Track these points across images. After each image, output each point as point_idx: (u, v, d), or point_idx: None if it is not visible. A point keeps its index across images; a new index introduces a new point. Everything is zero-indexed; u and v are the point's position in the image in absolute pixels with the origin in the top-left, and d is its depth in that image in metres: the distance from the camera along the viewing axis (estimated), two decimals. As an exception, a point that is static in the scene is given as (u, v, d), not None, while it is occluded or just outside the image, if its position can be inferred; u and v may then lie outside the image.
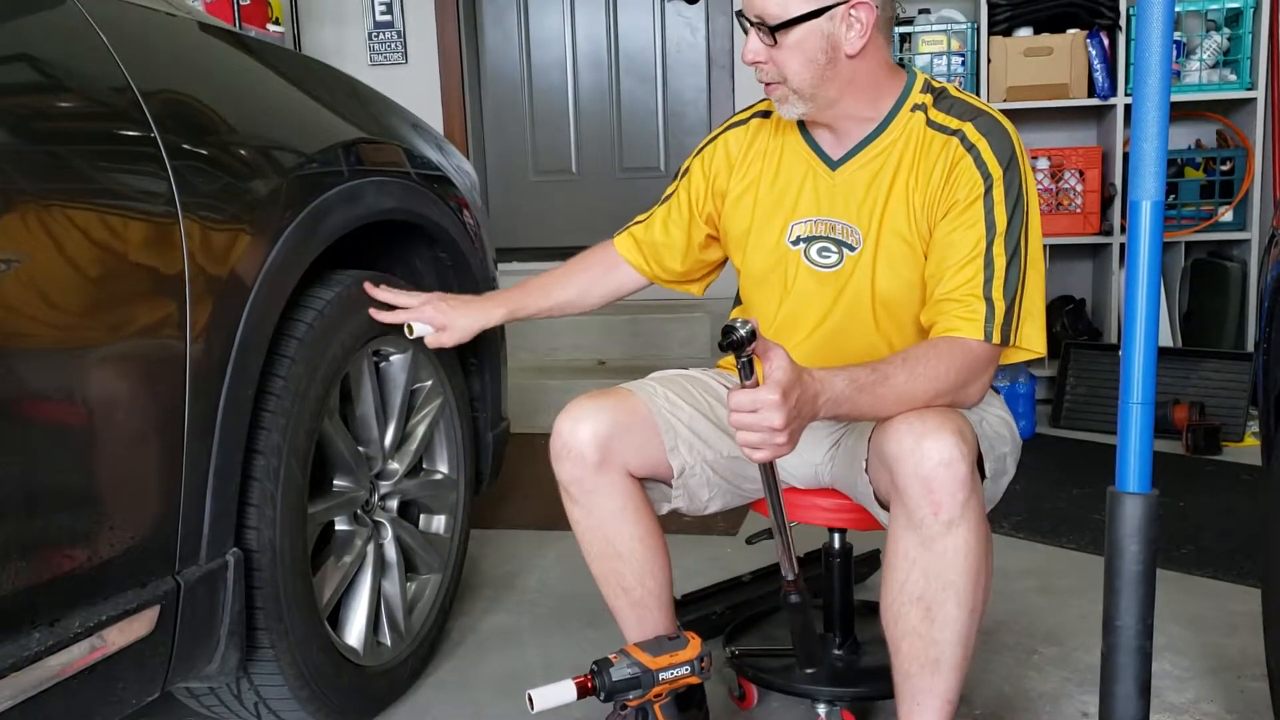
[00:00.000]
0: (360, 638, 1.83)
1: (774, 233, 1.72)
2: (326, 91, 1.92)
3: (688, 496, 1.73)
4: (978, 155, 1.58)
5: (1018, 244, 1.56)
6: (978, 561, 1.46)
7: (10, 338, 1.15)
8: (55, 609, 1.23)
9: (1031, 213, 1.59)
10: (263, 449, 1.56)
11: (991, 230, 1.56)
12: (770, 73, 1.60)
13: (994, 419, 1.65)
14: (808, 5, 1.53)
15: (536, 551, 2.67)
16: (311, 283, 1.69)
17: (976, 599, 1.48)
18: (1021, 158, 1.59)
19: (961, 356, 1.54)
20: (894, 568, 1.49)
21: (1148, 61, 1.18)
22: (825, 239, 1.68)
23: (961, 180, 1.57)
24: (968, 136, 1.59)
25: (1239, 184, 3.93)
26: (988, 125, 1.60)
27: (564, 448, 1.64)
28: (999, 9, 3.97)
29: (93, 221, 1.26)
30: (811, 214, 1.69)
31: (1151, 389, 1.22)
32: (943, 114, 1.62)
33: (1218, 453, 3.38)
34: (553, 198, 4.96)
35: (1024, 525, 2.74)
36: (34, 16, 1.33)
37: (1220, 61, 3.90)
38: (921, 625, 1.48)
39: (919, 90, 1.65)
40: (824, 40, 1.56)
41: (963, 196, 1.57)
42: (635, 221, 1.90)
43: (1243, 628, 2.11)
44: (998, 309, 1.54)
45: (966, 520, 1.43)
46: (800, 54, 1.56)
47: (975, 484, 1.44)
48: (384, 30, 4.77)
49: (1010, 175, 1.57)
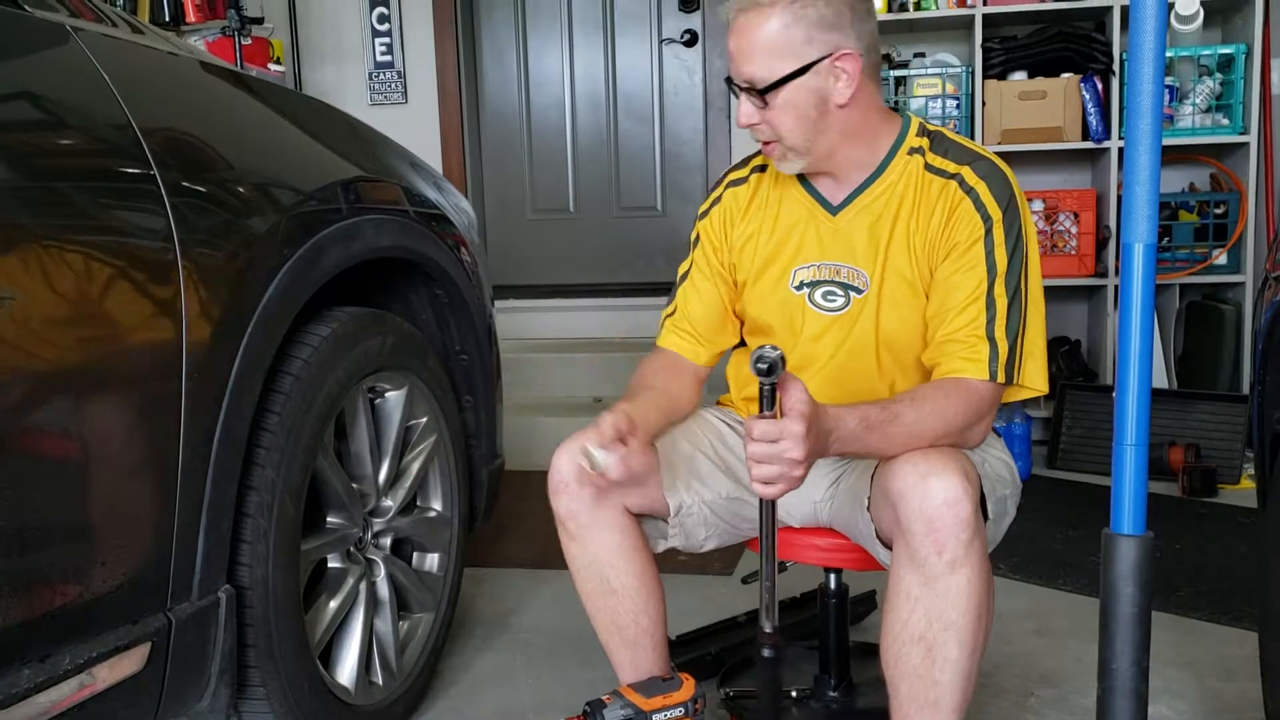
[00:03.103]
0: (352, 677, 1.82)
1: (777, 279, 1.73)
2: (326, 130, 1.94)
3: (684, 535, 1.73)
4: (977, 198, 1.59)
5: (1018, 284, 1.58)
6: (980, 602, 1.46)
7: (6, 371, 1.15)
8: (45, 645, 1.22)
9: (1031, 253, 1.60)
10: (256, 485, 1.55)
11: (992, 271, 1.57)
12: (766, 132, 1.62)
13: (995, 461, 1.66)
14: (792, 64, 1.56)
15: (530, 590, 2.65)
16: (308, 319, 1.69)
17: (977, 639, 1.48)
18: (1020, 200, 1.61)
19: (967, 396, 1.55)
20: (895, 607, 1.48)
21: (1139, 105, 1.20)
22: (830, 283, 1.69)
23: (962, 223, 1.59)
24: (966, 180, 1.61)
25: (1233, 227, 3.95)
26: (986, 169, 1.62)
27: (561, 482, 1.64)
28: (994, 53, 4.01)
29: (91, 257, 1.26)
30: (815, 259, 1.70)
31: (1145, 431, 1.22)
32: (940, 157, 1.64)
33: (1214, 495, 3.37)
34: (551, 236, 4.98)
35: (1020, 567, 2.73)
36: (37, 54, 1.34)
37: (1213, 106, 3.93)
38: (922, 666, 1.47)
39: (914, 134, 1.67)
40: (813, 95, 1.58)
41: (963, 239, 1.59)
42: (666, 317, 1.84)
43: (1240, 672, 2.10)
44: (1001, 349, 1.56)
45: (970, 560, 1.43)
46: (792, 112, 1.58)
47: (979, 524, 1.45)
48: (384, 70, 4.82)
49: (1009, 217, 1.59)
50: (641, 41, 4.84)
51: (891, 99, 4.15)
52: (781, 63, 1.56)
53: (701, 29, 4.69)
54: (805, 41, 1.55)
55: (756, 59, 1.56)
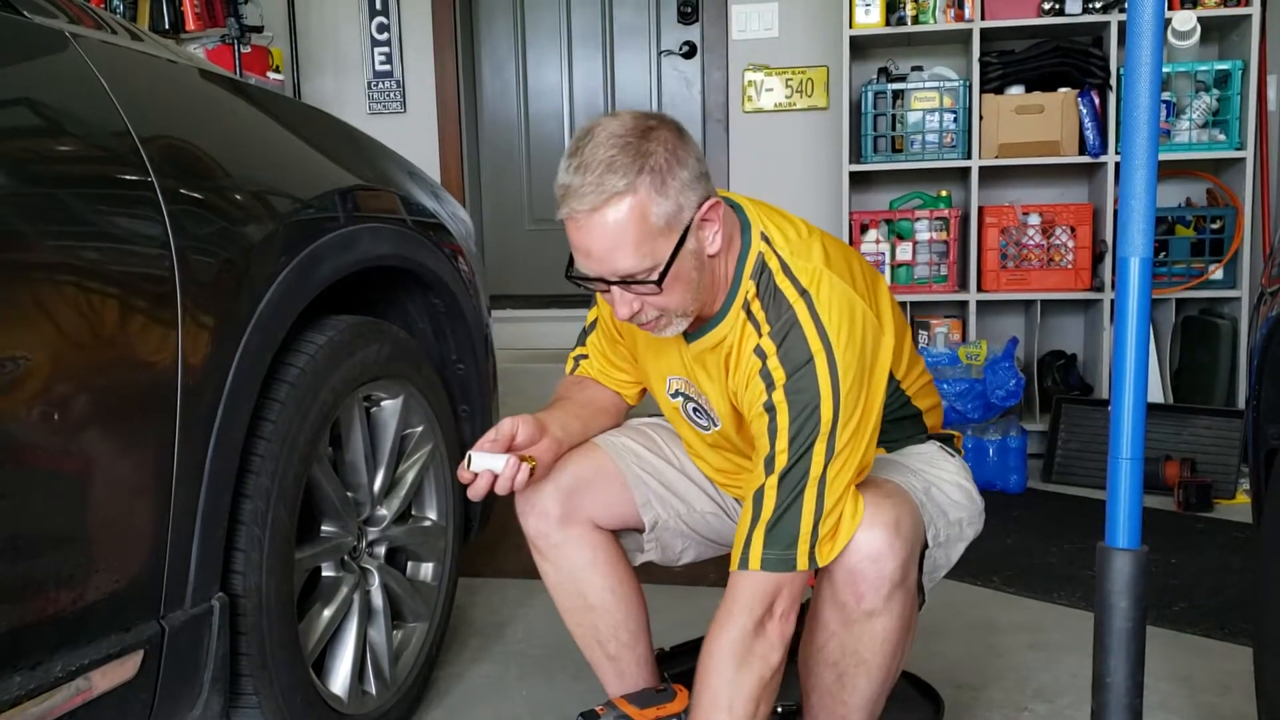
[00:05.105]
0: (345, 686, 1.81)
1: (655, 381, 1.71)
2: (324, 139, 1.94)
3: (660, 549, 1.74)
4: (769, 379, 1.45)
5: (803, 472, 1.41)
6: (894, 646, 1.50)
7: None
8: (37, 652, 1.21)
9: (843, 422, 1.41)
10: (251, 493, 1.55)
11: (770, 466, 1.43)
12: (650, 314, 1.47)
13: (948, 485, 1.63)
14: (674, 239, 1.40)
15: (525, 601, 2.65)
16: (304, 327, 1.69)
17: (889, 672, 1.53)
18: (832, 354, 1.42)
19: (747, 598, 1.43)
20: (814, 631, 1.53)
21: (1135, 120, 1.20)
22: (695, 401, 1.66)
23: (756, 419, 1.46)
24: (765, 353, 1.46)
25: (1229, 242, 3.97)
26: (783, 330, 1.45)
27: (527, 503, 1.65)
28: (991, 67, 4.02)
29: (87, 264, 1.26)
30: (681, 373, 1.64)
31: (1140, 444, 1.22)
32: (762, 323, 1.48)
33: (1209, 510, 3.37)
34: (548, 246, 4.98)
35: (1015, 580, 2.73)
36: (35, 61, 1.34)
37: (1210, 121, 3.95)
38: (833, 687, 1.53)
39: (749, 275, 1.51)
40: (694, 259, 1.44)
41: (754, 429, 1.48)
42: (578, 359, 1.82)
43: (1235, 687, 2.10)
44: (782, 539, 1.41)
45: (888, 609, 1.46)
46: (681, 283, 1.44)
47: (903, 576, 1.45)
48: (383, 79, 4.83)
49: (800, 398, 1.42)
50: (640, 53, 4.86)
51: (889, 113, 4.16)
52: (665, 241, 1.39)
53: (700, 41, 4.71)
54: (676, 211, 1.40)
55: (629, 251, 1.38)
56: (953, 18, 4.06)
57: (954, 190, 4.33)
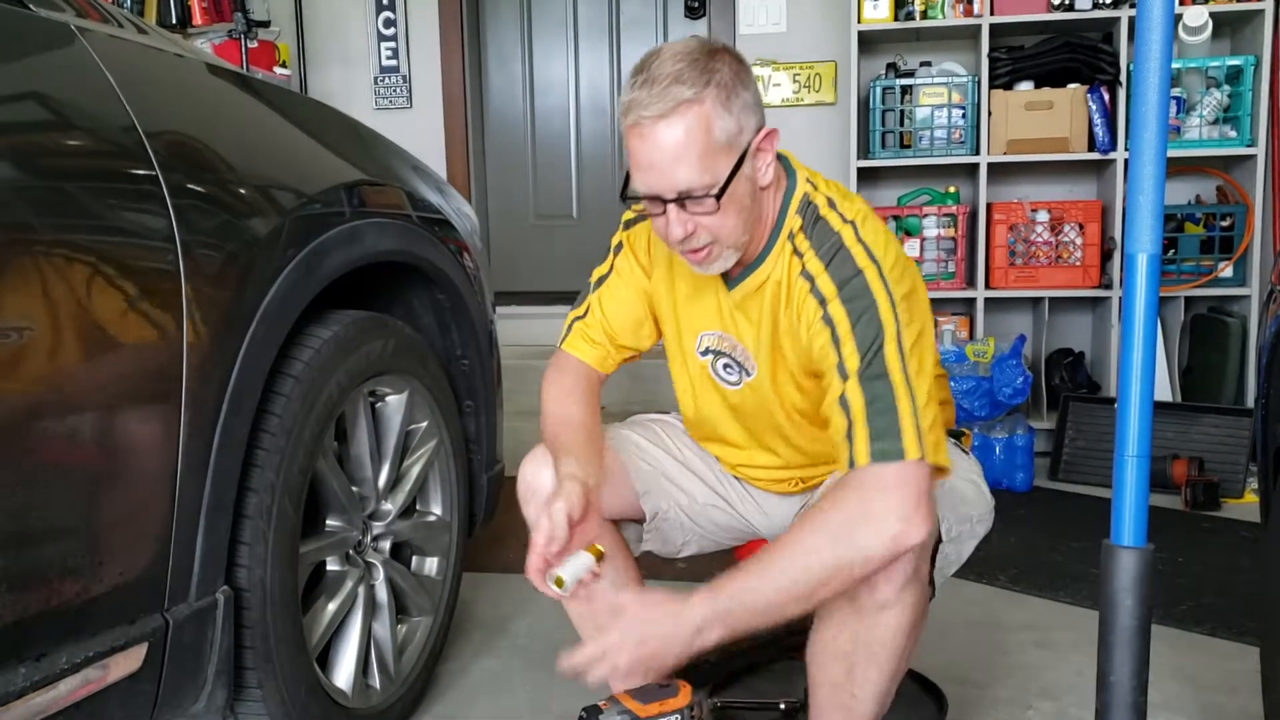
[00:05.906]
0: (349, 680, 1.81)
1: (687, 337, 1.68)
2: (329, 133, 1.94)
3: (660, 539, 1.74)
4: (821, 297, 1.46)
5: (882, 368, 1.41)
6: (905, 639, 1.49)
7: (5, 371, 1.15)
8: (42, 644, 1.22)
9: (905, 327, 1.43)
10: (256, 487, 1.55)
11: (844, 371, 1.43)
12: (702, 238, 1.46)
13: (961, 484, 1.63)
14: (734, 157, 1.42)
15: (528, 596, 2.62)
16: (309, 322, 1.69)
17: (899, 665, 1.52)
18: (881, 271, 1.44)
19: (860, 491, 1.39)
20: (825, 621, 1.51)
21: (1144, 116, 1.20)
22: (728, 356, 1.64)
23: (815, 337, 1.47)
24: (812, 275, 1.48)
25: (1239, 240, 3.95)
26: (830, 253, 1.47)
27: (528, 490, 1.65)
28: (1000, 63, 4.01)
29: (92, 258, 1.26)
30: (716, 328, 1.64)
31: (1147, 442, 1.21)
32: (806, 251, 1.50)
33: (1217, 509, 3.36)
34: (553, 241, 4.98)
35: (1021, 578, 2.73)
36: (42, 54, 1.34)
37: (1220, 118, 3.93)
38: (842, 679, 1.52)
39: (795, 210, 1.53)
40: (749, 184, 1.45)
41: (817, 351, 1.47)
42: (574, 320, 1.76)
43: (1242, 687, 2.09)
44: (886, 430, 1.39)
45: (901, 601, 1.45)
46: (735, 207, 1.44)
47: (916, 569, 1.45)
48: (389, 75, 4.82)
49: (857, 304, 1.43)
50: (647, 48, 4.83)
51: (898, 108, 4.15)
52: (726, 159, 1.41)
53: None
54: (738, 131, 1.41)
55: (692, 163, 1.39)
56: (961, 13, 4.04)
57: (962, 186, 4.31)
